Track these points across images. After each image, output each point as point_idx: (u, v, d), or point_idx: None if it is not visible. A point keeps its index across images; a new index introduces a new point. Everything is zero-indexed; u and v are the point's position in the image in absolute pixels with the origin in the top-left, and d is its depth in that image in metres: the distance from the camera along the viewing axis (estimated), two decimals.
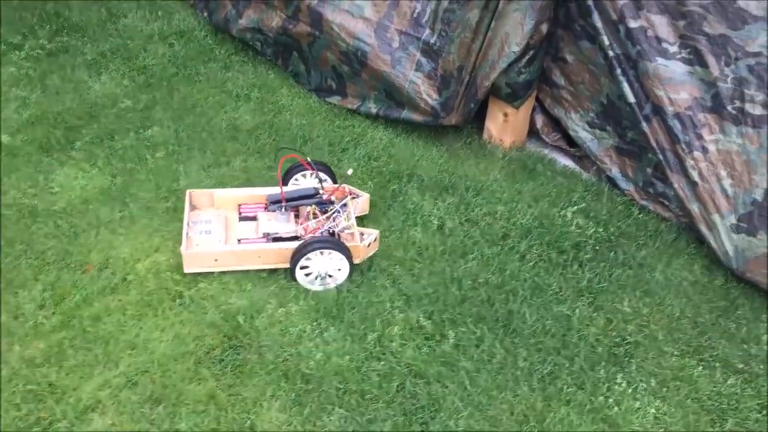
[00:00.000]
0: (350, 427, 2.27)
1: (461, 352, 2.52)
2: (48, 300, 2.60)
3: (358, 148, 3.44)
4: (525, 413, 2.34)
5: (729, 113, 2.79)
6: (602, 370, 2.49)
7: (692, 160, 2.90)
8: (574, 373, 2.48)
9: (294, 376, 2.40)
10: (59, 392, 2.30)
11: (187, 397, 2.31)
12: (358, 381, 2.39)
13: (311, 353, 2.46)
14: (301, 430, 2.25)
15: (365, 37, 3.43)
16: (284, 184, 2.99)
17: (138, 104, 3.67)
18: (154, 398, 2.31)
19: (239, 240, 2.81)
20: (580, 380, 2.46)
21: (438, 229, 3.00)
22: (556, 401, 2.38)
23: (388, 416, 2.30)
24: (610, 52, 3.06)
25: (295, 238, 2.76)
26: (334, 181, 3.01)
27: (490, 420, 2.31)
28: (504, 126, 3.50)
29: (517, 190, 3.26)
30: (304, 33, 3.65)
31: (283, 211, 2.83)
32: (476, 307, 2.67)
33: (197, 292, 2.66)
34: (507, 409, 2.35)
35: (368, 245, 2.77)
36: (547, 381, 2.45)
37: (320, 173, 2.95)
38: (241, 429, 2.24)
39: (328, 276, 2.70)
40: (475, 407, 2.34)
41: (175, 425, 2.23)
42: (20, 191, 3.07)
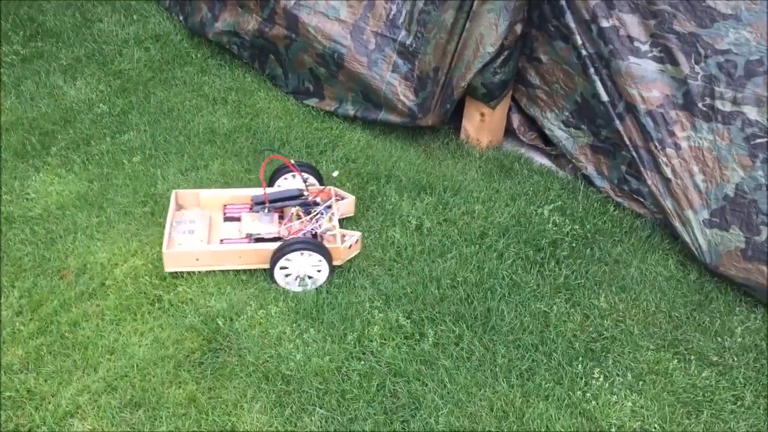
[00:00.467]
0: (331, 427, 2.28)
1: (440, 350, 2.54)
2: (25, 306, 2.59)
3: (336, 150, 3.45)
4: (504, 409, 2.37)
5: (700, 110, 2.84)
6: (580, 365, 2.52)
7: (665, 156, 2.94)
8: (552, 368, 2.51)
9: (274, 377, 2.40)
10: (38, 398, 2.29)
11: (168, 400, 2.31)
12: (338, 381, 2.40)
13: (291, 354, 2.47)
14: (282, 430, 2.26)
15: (341, 39, 3.45)
16: (270, 186, 3.00)
17: (114, 109, 3.65)
18: (134, 402, 2.30)
19: (221, 240, 2.82)
20: (558, 375, 2.49)
21: (416, 229, 3.02)
22: (535, 397, 2.41)
23: (368, 415, 2.31)
24: (584, 52, 3.10)
25: (277, 239, 2.77)
26: (320, 183, 3.02)
27: (469, 417, 2.34)
28: (481, 126, 3.53)
29: (494, 189, 3.29)
30: (281, 36, 3.65)
31: (266, 212, 2.84)
32: (455, 305, 2.70)
33: (176, 295, 2.66)
34: (486, 405, 2.37)
35: (349, 247, 2.78)
36: (526, 377, 2.48)
37: (305, 174, 2.95)
38: (222, 431, 2.24)
39: (308, 277, 2.71)
40: (455, 404, 2.36)
41: (156, 429, 2.23)
42: None
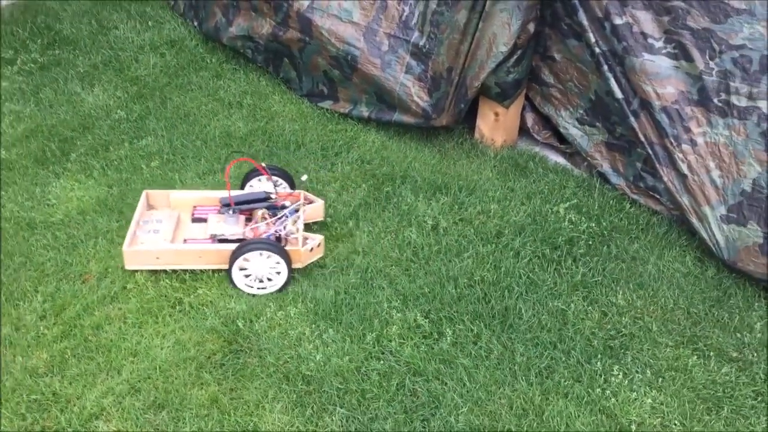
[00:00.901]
0: (352, 426, 2.30)
1: (459, 349, 2.55)
2: (49, 311, 2.63)
3: (351, 152, 3.47)
4: (524, 407, 2.37)
5: (715, 106, 2.83)
6: (598, 363, 2.52)
7: (681, 153, 2.94)
8: (570, 366, 2.52)
9: (295, 377, 2.43)
10: (63, 401, 2.33)
11: (190, 401, 2.34)
12: (358, 381, 2.42)
13: (311, 355, 2.49)
14: (303, 430, 2.28)
15: (354, 41, 3.47)
16: (242, 188, 3.04)
17: (131, 115, 3.70)
18: (157, 404, 2.33)
19: (185, 240, 2.84)
20: (577, 373, 2.49)
21: (432, 229, 3.04)
22: (554, 394, 2.42)
23: (389, 414, 2.33)
24: (597, 49, 3.11)
25: (241, 240, 2.78)
26: (291, 186, 3.04)
27: (489, 415, 2.35)
28: (495, 125, 3.54)
29: (509, 188, 3.29)
30: (295, 39, 3.68)
31: (231, 213, 2.86)
32: (472, 304, 2.71)
33: (196, 298, 2.69)
34: (506, 403, 2.39)
35: (310, 250, 2.78)
36: (545, 375, 2.49)
37: (274, 178, 2.97)
38: (244, 431, 2.27)
39: (267, 279, 2.72)
40: (475, 403, 2.38)
41: (180, 429, 2.26)
42: (17, 204, 3.10)
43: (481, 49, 3.27)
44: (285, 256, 2.68)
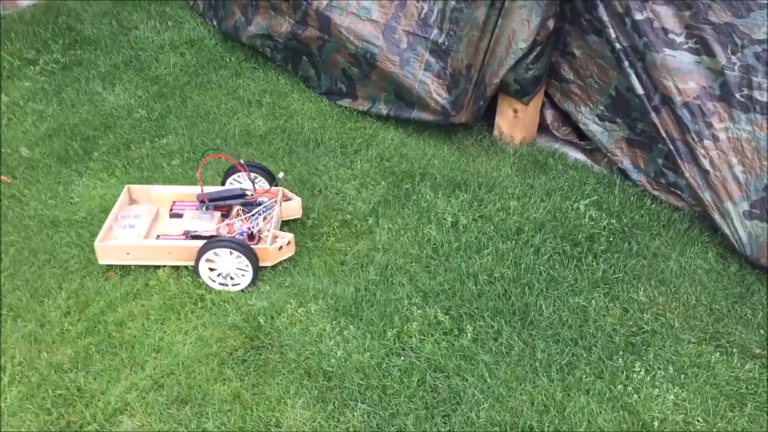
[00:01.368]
0: (373, 421, 2.31)
1: (480, 345, 2.55)
2: (73, 307, 2.66)
3: (370, 149, 3.48)
4: (545, 403, 2.37)
5: (738, 101, 2.81)
6: (620, 359, 2.51)
7: (703, 148, 2.92)
8: (592, 362, 2.51)
9: (316, 373, 2.44)
10: (88, 396, 2.36)
11: (213, 397, 2.36)
12: (379, 377, 2.43)
13: (332, 351, 2.50)
14: (325, 425, 2.29)
15: (373, 39, 3.48)
16: (222, 184, 3.06)
17: (152, 113, 3.73)
18: (180, 399, 2.36)
19: (158, 236, 2.86)
20: (598, 369, 2.48)
21: (452, 226, 3.04)
22: (576, 391, 2.41)
23: (410, 410, 2.34)
24: (617, 45, 3.09)
25: (213, 237, 2.78)
26: (270, 183, 3.04)
27: (510, 411, 2.35)
28: (514, 122, 3.53)
29: (529, 185, 3.29)
30: (314, 37, 3.69)
31: (205, 210, 2.87)
32: (493, 301, 2.71)
33: (218, 295, 2.71)
34: (527, 399, 2.38)
35: (279, 248, 2.78)
36: (566, 371, 2.48)
37: (252, 174, 2.98)
38: (266, 426, 2.29)
39: (232, 277, 2.73)
40: (496, 399, 2.37)
41: (203, 425, 2.28)
42: (41, 202, 3.13)
43: (501, 45, 3.27)
44: (251, 254, 2.69)
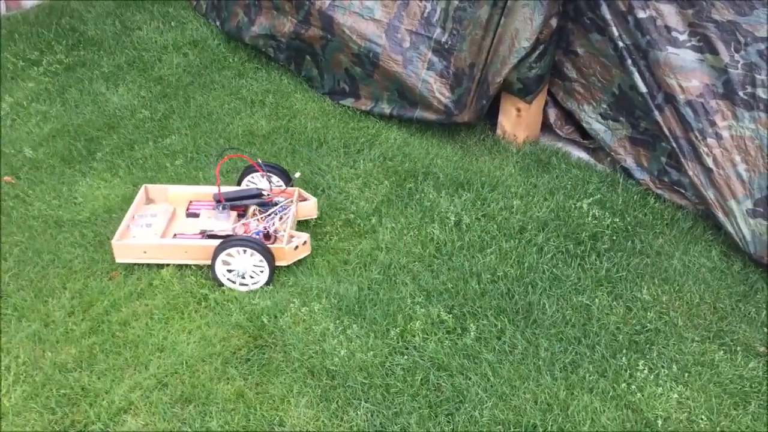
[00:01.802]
0: (377, 420, 2.31)
1: (483, 344, 2.55)
2: (77, 307, 2.67)
3: (373, 149, 3.48)
4: (548, 402, 2.37)
5: (741, 99, 2.81)
6: (624, 358, 2.51)
7: (706, 147, 2.91)
8: (595, 361, 2.51)
9: (319, 372, 2.44)
10: (92, 395, 2.37)
11: (217, 396, 2.36)
12: (382, 376, 2.43)
13: (335, 350, 2.50)
14: (328, 424, 2.29)
15: (376, 38, 3.48)
16: (239, 184, 3.07)
17: (155, 114, 3.74)
18: (184, 398, 2.36)
19: (175, 235, 2.87)
20: (602, 368, 2.48)
21: (455, 225, 3.04)
22: (579, 389, 2.41)
23: (413, 409, 2.34)
24: (620, 43, 3.09)
25: (229, 236, 2.79)
26: (287, 183, 3.04)
27: (514, 409, 2.35)
28: (517, 121, 3.53)
29: (532, 183, 3.29)
30: (317, 37, 3.70)
31: (221, 209, 2.88)
32: (496, 300, 2.71)
33: (221, 294, 2.72)
34: (530, 398, 2.38)
35: (295, 248, 2.78)
36: (569, 370, 2.48)
37: (271, 175, 2.99)
38: (270, 425, 2.29)
39: (250, 276, 2.73)
40: (499, 397, 2.37)
41: (206, 424, 2.29)
42: (45, 203, 3.14)
43: (504, 44, 3.27)
44: (268, 254, 2.69)
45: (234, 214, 2.93)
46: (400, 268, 2.84)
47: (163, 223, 2.90)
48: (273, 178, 3.00)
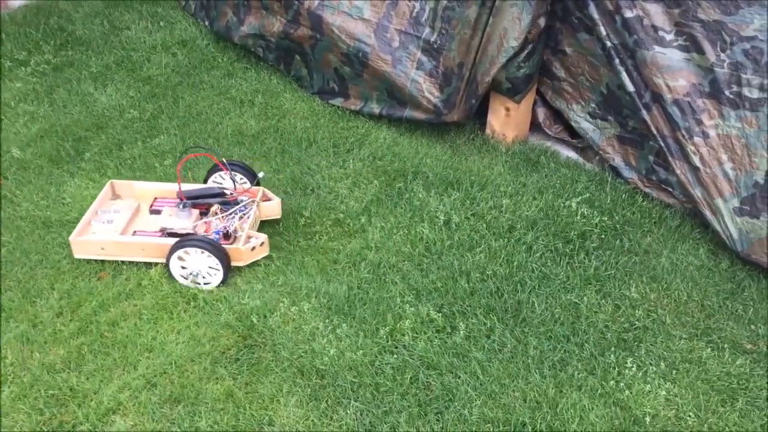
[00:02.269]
0: (366, 419, 2.31)
1: (472, 342, 2.56)
2: (65, 307, 2.66)
3: (363, 149, 3.49)
4: (537, 400, 2.38)
5: (727, 98, 2.82)
6: (612, 356, 2.52)
7: (693, 145, 2.93)
8: (584, 359, 2.52)
9: (309, 372, 2.44)
10: (80, 396, 2.36)
11: (206, 396, 2.36)
12: (372, 375, 2.43)
13: (325, 349, 2.51)
14: (318, 423, 2.29)
15: (365, 38, 3.48)
16: (204, 182, 3.07)
17: (144, 114, 3.72)
18: (173, 398, 2.35)
19: (135, 232, 2.87)
20: (590, 366, 2.49)
21: (445, 224, 3.04)
22: (568, 387, 2.42)
23: (403, 408, 2.34)
24: (608, 43, 3.10)
25: (189, 234, 2.79)
26: (251, 182, 3.04)
27: (503, 407, 2.35)
28: (506, 120, 3.54)
29: (521, 183, 3.30)
30: (306, 36, 3.70)
31: (182, 207, 2.87)
32: (485, 298, 2.71)
33: (210, 294, 2.71)
34: (520, 396, 2.39)
35: (252, 249, 2.78)
36: (558, 368, 2.49)
37: (234, 174, 2.99)
38: (259, 425, 2.29)
39: (203, 276, 2.73)
40: (488, 396, 2.38)
41: (195, 424, 2.28)
42: (33, 203, 3.13)
43: (492, 44, 3.28)
44: (222, 254, 2.68)
45: (196, 212, 2.91)
46: (390, 267, 2.84)
47: (124, 220, 2.90)
48: (237, 176, 3.00)
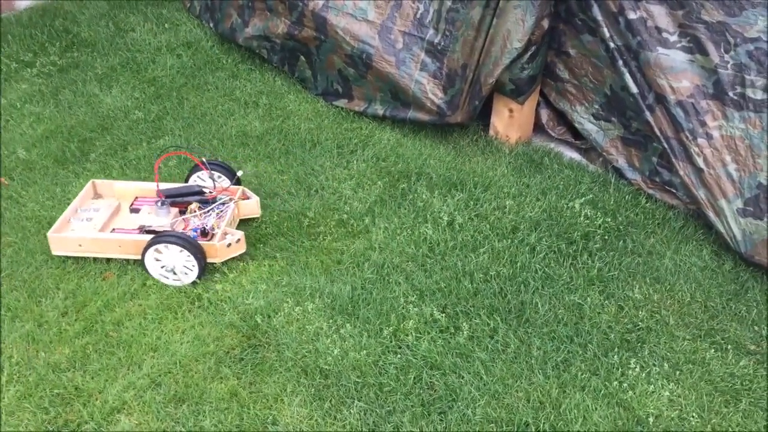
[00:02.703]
0: (370, 419, 2.32)
1: (476, 343, 2.56)
2: (70, 307, 2.67)
3: (366, 150, 3.50)
4: (541, 400, 2.38)
5: (731, 99, 2.83)
6: (615, 356, 2.52)
7: (697, 147, 2.93)
8: (587, 359, 2.52)
9: (313, 371, 2.45)
10: (85, 395, 2.37)
11: (210, 395, 2.37)
12: (375, 374, 2.44)
13: (329, 349, 2.51)
14: (322, 423, 2.30)
15: (369, 39, 3.50)
16: (185, 181, 3.09)
17: (149, 115, 3.74)
18: (177, 398, 2.36)
19: (113, 229, 2.89)
20: (593, 366, 2.50)
21: (448, 225, 3.05)
22: (571, 387, 2.42)
23: (406, 407, 2.35)
24: (612, 44, 3.11)
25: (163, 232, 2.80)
26: (231, 181, 3.05)
27: (506, 408, 2.36)
28: (509, 122, 3.55)
29: (524, 184, 3.30)
30: (310, 38, 3.71)
31: (161, 206, 2.88)
32: (489, 299, 2.72)
33: (215, 294, 2.72)
34: (523, 396, 2.39)
35: (228, 245, 2.80)
36: (562, 368, 2.49)
37: (214, 172, 3.02)
38: (263, 424, 2.30)
39: (182, 271, 2.74)
40: (492, 396, 2.39)
41: (200, 423, 2.29)
42: (38, 203, 3.14)
43: (496, 45, 3.29)
44: (196, 250, 2.70)
45: (174, 210, 2.93)
46: (393, 267, 2.85)
47: (103, 218, 2.92)
48: (216, 175, 3.03)
